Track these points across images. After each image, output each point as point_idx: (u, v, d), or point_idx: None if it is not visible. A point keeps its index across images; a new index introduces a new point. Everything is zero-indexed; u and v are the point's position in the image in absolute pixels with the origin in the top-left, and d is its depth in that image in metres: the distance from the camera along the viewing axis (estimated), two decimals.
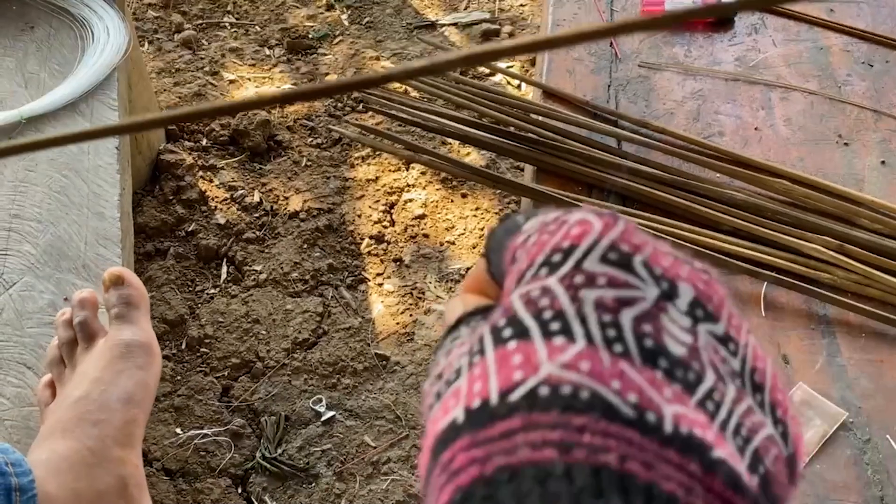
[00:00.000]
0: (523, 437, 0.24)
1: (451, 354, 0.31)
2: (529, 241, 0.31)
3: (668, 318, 0.27)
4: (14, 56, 1.20)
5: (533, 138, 0.95)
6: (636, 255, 0.28)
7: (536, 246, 0.30)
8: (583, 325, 0.26)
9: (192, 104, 1.94)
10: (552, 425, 0.24)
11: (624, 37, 1.06)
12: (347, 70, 2.03)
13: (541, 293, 0.28)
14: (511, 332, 0.27)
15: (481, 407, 0.26)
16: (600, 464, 0.24)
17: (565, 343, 0.26)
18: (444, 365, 0.30)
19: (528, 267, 0.29)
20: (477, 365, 0.27)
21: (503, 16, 2.12)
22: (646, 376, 0.25)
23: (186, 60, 2.06)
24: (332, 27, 2.14)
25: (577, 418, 0.24)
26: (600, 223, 0.29)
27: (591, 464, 0.24)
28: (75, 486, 0.73)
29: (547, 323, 0.27)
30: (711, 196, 0.91)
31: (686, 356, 0.26)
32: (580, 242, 0.28)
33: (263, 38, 2.13)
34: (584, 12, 1.08)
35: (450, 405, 0.27)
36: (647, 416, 0.25)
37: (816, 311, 0.85)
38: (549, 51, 1.05)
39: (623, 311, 0.27)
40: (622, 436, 0.24)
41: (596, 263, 0.28)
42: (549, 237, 0.30)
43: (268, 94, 0.28)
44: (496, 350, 0.27)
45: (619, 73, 1.02)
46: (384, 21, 2.14)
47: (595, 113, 0.98)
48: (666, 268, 0.28)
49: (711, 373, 0.27)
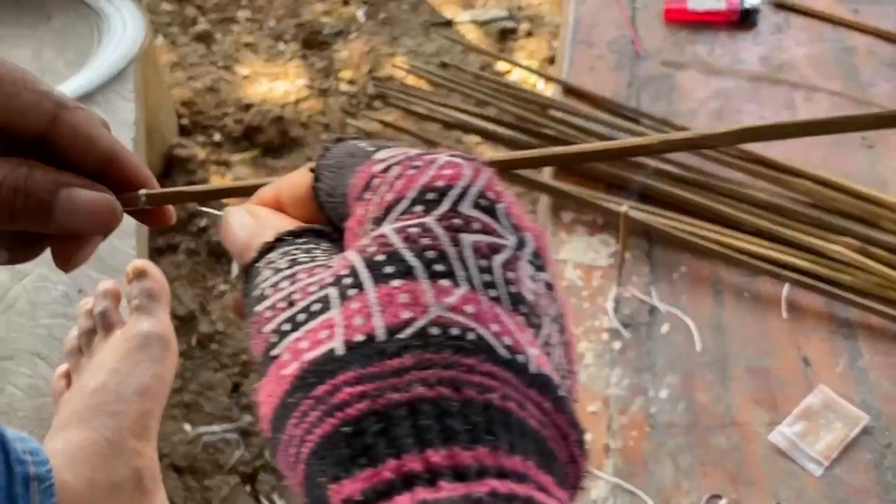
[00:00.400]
0: (417, 375, 0.25)
1: (300, 281, 0.30)
2: (392, 171, 0.31)
3: (521, 267, 0.29)
4: (30, 46, 1.20)
5: (552, 135, 0.95)
6: (500, 204, 0.30)
7: (405, 180, 0.30)
8: (464, 269, 0.28)
9: (206, 98, 1.94)
10: (445, 364, 0.26)
11: (646, 34, 1.05)
12: (362, 66, 2.03)
13: (421, 231, 0.28)
14: (394, 270, 0.28)
15: (366, 342, 0.26)
16: (488, 402, 0.25)
17: (451, 286, 0.27)
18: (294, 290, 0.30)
19: (396, 201, 0.30)
20: (353, 299, 0.28)
21: (521, 14, 2.11)
22: (515, 320, 0.27)
23: (200, 54, 2.05)
24: (348, 23, 2.13)
25: (467, 359, 0.26)
26: (470, 168, 0.30)
27: (481, 402, 0.25)
28: (91, 476, 0.73)
29: (431, 263, 0.28)
30: (733, 196, 0.90)
31: (534, 302, 0.29)
32: (455, 183, 0.29)
33: (278, 32, 2.12)
34: (606, 10, 1.08)
35: (320, 336, 0.27)
36: (518, 358, 0.27)
37: (838, 314, 0.84)
38: (570, 50, 1.04)
39: (494, 258, 0.28)
40: (501, 376, 0.26)
41: (470, 208, 0.29)
42: (419, 173, 0.30)
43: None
44: (378, 287, 0.27)
45: (641, 71, 1.01)
46: (400, 17, 2.14)
47: (616, 111, 0.97)
48: (518, 217, 0.30)
49: (547, 319, 0.29)
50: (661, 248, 0.87)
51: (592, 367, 0.80)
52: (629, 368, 0.80)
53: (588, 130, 0.95)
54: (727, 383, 0.80)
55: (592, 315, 0.83)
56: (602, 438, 0.76)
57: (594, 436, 0.76)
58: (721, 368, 0.80)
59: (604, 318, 0.83)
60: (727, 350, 0.82)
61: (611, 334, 0.82)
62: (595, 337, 0.82)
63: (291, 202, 0.36)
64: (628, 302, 0.84)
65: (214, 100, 1.96)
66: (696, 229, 0.87)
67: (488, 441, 0.25)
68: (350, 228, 0.31)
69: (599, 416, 0.77)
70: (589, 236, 0.88)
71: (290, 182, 0.36)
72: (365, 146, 0.33)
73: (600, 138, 0.94)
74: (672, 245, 0.87)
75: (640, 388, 0.79)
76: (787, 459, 0.75)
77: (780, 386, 0.79)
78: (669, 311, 0.83)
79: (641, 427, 0.77)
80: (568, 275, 0.86)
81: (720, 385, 0.79)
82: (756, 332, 0.83)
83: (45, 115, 0.38)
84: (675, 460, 0.75)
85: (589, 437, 0.76)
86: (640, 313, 0.83)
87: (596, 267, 0.86)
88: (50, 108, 0.38)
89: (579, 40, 1.04)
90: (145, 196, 0.40)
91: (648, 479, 0.74)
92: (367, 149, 0.33)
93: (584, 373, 0.80)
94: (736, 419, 0.77)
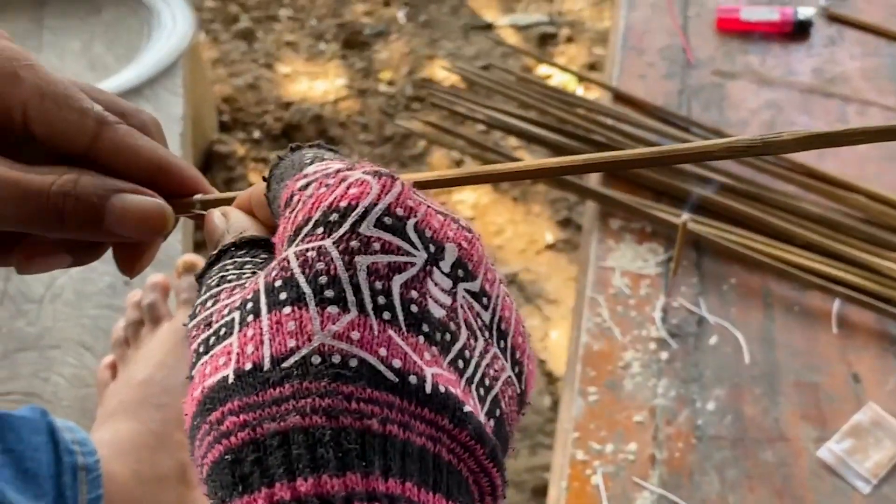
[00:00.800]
0: (293, 404, 0.26)
1: (220, 301, 0.31)
2: (307, 190, 0.31)
3: (432, 282, 0.29)
4: (81, 38, 1.21)
5: (600, 141, 0.94)
6: (410, 219, 0.30)
7: (314, 199, 0.30)
8: (356, 294, 0.28)
9: (247, 95, 1.95)
10: (321, 393, 0.26)
11: (698, 42, 1.04)
12: (402, 68, 2.03)
13: (317, 255, 0.29)
14: (286, 296, 0.28)
15: (253, 371, 0.27)
16: (364, 428, 0.26)
17: (338, 313, 0.28)
18: (213, 311, 0.31)
19: (304, 221, 0.30)
20: (250, 325, 0.28)
21: (561, 19, 2.10)
22: (410, 342, 0.28)
23: (242, 52, 2.07)
24: (388, 24, 2.14)
25: (346, 386, 0.26)
26: (378, 185, 0.30)
27: (357, 429, 0.26)
28: (137, 467, 0.73)
29: (322, 289, 0.28)
30: (785, 208, 0.89)
31: (445, 318, 0.29)
32: (357, 204, 0.29)
33: (319, 32, 2.13)
34: (658, 17, 1.07)
35: (219, 363, 0.28)
36: (409, 380, 0.27)
37: (889, 331, 0.83)
38: (620, 56, 1.03)
39: (394, 278, 0.29)
40: (385, 401, 0.26)
41: (371, 228, 0.29)
42: (328, 193, 0.30)
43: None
44: (271, 313, 0.28)
45: (691, 80, 1.00)
46: (440, 20, 2.14)
47: (666, 119, 0.97)
48: (436, 229, 0.30)
49: (465, 330, 0.30)
50: (711, 259, 0.86)
51: (639, 377, 0.79)
52: (676, 379, 0.79)
53: (637, 137, 0.94)
54: (775, 397, 0.79)
55: (640, 324, 0.83)
56: (648, 448, 0.75)
57: (640, 446, 0.76)
58: (769, 382, 0.80)
59: (651, 327, 0.82)
60: (776, 364, 0.81)
61: (658, 344, 0.81)
62: (642, 346, 0.81)
63: (257, 207, 0.37)
64: (676, 312, 0.83)
65: (255, 97, 1.97)
66: (747, 241, 0.87)
67: (360, 467, 0.25)
68: (276, 244, 0.32)
69: (646, 426, 0.77)
70: (637, 244, 0.87)
71: (257, 187, 0.37)
72: (305, 158, 0.34)
73: (650, 146, 0.93)
74: (722, 256, 0.86)
75: (687, 399, 0.78)
76: (834, 476, 0.74)
77: (829, 402, 0.78)
78: (718, 322, 0.82)
79: (688, 439, 0.76)
80: (615, 282, 0.85)
81: (768, 399, 0.79)
82: (805, 347, 0.82)
83: (87, 134, 0.38)
84: (721, 473, 0.74)
85: (634, 446, 0.75)
86: (688, 324, 0.83)
87: (644, 275, 0.86)
88: (91, 126, 0.38)
89: (630, 47, 1.03)
90: (200, 202, 0.40)
91: (694, 491, 0.73)
92: (304, 161, 0.34)
93: (630, 382, 0.79)
94: (784, 434, 0.77)
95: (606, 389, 0.79)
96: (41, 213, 0.37)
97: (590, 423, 0.77)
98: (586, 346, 0.81)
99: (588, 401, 0.78)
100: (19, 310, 0.94)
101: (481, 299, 0.31)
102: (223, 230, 0.36)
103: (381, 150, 1.88)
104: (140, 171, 0.39)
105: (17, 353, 0.91)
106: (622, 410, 0.78)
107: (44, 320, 0.93)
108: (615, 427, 0.77)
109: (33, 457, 0.67)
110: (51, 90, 0.38)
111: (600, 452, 0.75)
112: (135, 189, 0.38)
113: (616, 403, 0.78)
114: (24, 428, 0.68)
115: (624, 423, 0.77)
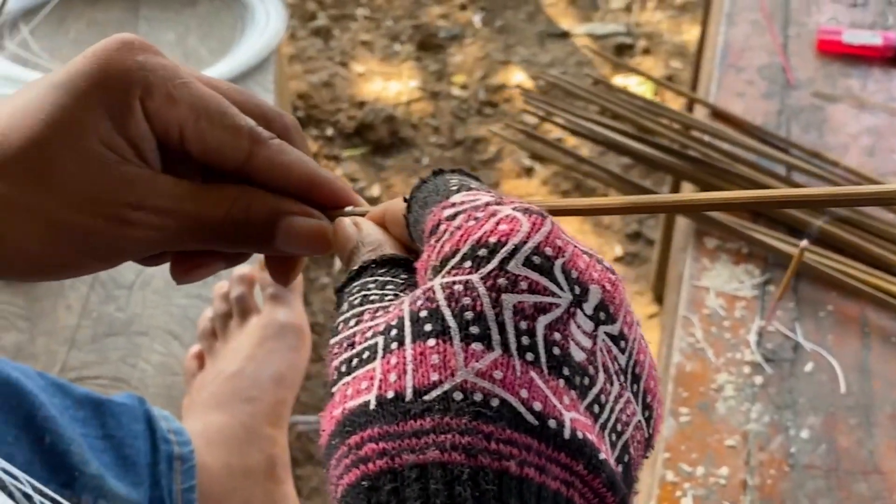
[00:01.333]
0: (433, 438, 0.26)
1: (363, 322, 0.31)
2: (455, 221, 0.31)
3: (575, 324, 0.29)
4: (176, 30, 1.22)
5: (694, 156, 0.93)
6: (557, 259, 0.30)
7: (462, 231, 0.30)
8: (500, 333, 0.28)
9: (321, 92, 1.96)
10: (462, 430, 0.26)
11: (798, 63, 1.03)
12: (475, 72, 2.03)
13: (464, 290, 0.29)
14: (431, 328, 0.28)
15: (395, 400, 0.28)
16: (502, 469, 0.26)
17: (482, 350, 0.28)
18: (356, 331, 0.31)
19: (451, 253, 0.30)
20: (394, 353, 0.29)
21: (639, 30, 2.09)
22: (550, 385, 0.28)
23: (318, 49, 2.08)
24: (464, 28, 2.14)
25: (486, 426, 0.26)
26: (528, 222, 0.30)
27: (495, 469, 0.26)
28: (228, 460, 0.74)
29: (467, 324, 0.28)
30: (885, 236, 0.87)
31: (584, 361, 0.29)
32: (507, 241, 0.29)
33: (394, 33, 2.14)
34: (757, 35, 1.05)
35: (361, 387, 0.29)
36: (548, 423, 0.27)
37: None
38: (719, 73, 1.02)
39: (539, 319, 0.29)
40: (524, 443, 0.27)
41: (520, 266, 0.29)
42: (476, 226, 0.30)
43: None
44: (415, 344, 0.28)
45: (791, 101, 0.99)
46: (516, 26, 2.13)
47: (764, 138, 0.95)
48: (581, 270, 0.30)
49: (602, 374, 0.30)
50: (808, 284, 0.85)
51: (732, 400, 0.78)
52: (770, 405, 0.78)
53: (735, 156, 0.93)
54: (871, 429, 0.77)
55: (734, 347, 0.81)
56: (739, 473, 0.74)
57: (731, 470, 0.74)
58: (865, 413, 0.78)
59: (745, 350, 0.81)
60: (872, 394, 0.79)
61: (752, 368, 0.80)
62: (736, 369, 0.80)
63: (392, 223, 0.38)
64: (771, 336, 0.82)
65: (329, 95, 1.98)
66: (846, 267, 0.85)
67: None
68: (419, 269, 0.32)
69: (738, 450, 0.75)
70: (733, 265, 0.86)
71: (393, 204, 0.38)
72: (450, 184, 0.34)
73: (748, 165, 0.92)
74: (819, 281, 0.85)
75: (781, 425, 0.77)
76: None
77: None
78: (814, 349, 0.81)
79: (780, 466, 0.75)
80: (709, 303, 0.84)
81: (863, 430, 0.77)
82: None
83: (241, 152, 0.39)
84: (813, 503, 0.73)
85: (726, 471, 0.74)
86: (783, 349, 0.81)
87: (739, 297, 0.84)
88: (245, 145, 0.39)
89: (728, 64, 1.02)
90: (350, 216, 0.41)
91: None
92: (450, 188, 0.34)
93: (723, 405, 0.78)
94: (879, 467, 0.75)
95: (698, 411, 0.78)
96: (216, 239, 0.39)
97: (681, 445, 0.76)
98: (678, 366, 0.80)
99: (679, 422, 0.77)
100: (110, 295, 0.96)
101: (619, 342, 0.31)
102: (356, 241, 0.37)
103: (451, 154, 1.88)
104: (292, 187, 0.40)
105: (107, 337, 0.93)
106: (714, 433, 0.76)
107: (133, 307, 0.95)
108: (706, 450, 0.76)
109: (132, 444, 0.68)
110: (205, 109, 0.38)
111: (691, 475, 0.74)
112: (303, 211, 0.39)
113: (708, 426, 0.77)
114: (123, 415, 0.69)
115: (715, 446, 0.76)
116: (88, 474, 0.62)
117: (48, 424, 0.62)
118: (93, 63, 0.37)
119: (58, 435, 0.62)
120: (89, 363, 0.91)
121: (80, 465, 0.62)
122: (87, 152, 0.36)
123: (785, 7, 1.09)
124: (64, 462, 0.61)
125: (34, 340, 0.92)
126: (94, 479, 0.62)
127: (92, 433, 0.66)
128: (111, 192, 0.37)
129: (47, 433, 0.61)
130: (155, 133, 0.38)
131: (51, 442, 0.61)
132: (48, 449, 0.61)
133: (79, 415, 0.66)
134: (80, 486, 0.62)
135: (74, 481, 0.62)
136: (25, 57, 1.16)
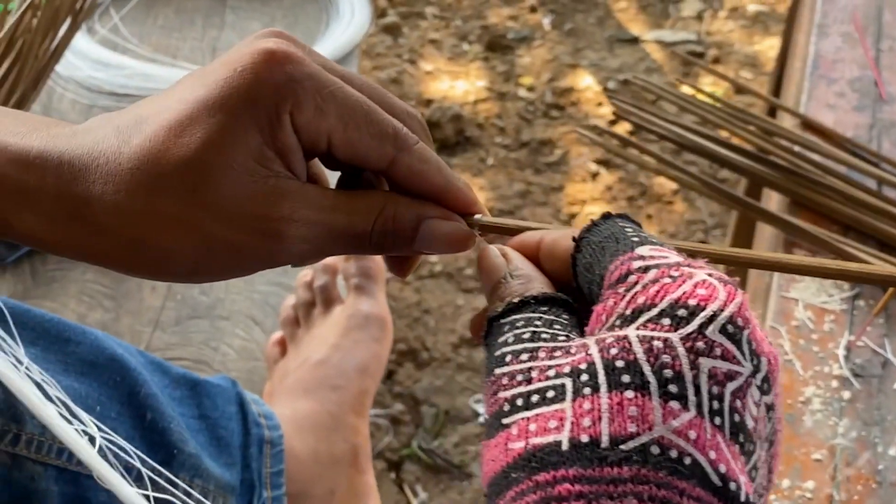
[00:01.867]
0: (631, 488, 0.28)
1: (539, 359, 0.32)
2: (648, 274, 0.32)
3: (750, 394, 0.31)
4: (262, 21, 1.24)
5: (784, 166, 0.92)
6: (745, 330, 0.31)
7: (659, 288, 0.32)
8: (696, 395, 0.30)
9: (389, 89, 1.97)
10: (659, 483, 0.28)
11: (891, 77, 1.01)
12: (543, 74, 2.03)
13: (664, 347, 0.30)
14: (629, 380, 0.30)
15: (589, 444, 0.29)
16: None
17: (679, 409, 0.29)
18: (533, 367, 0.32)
19: (646, 306, 0.31)
20: (587, 398, 0.30)
21: (709, 39, 2.07)
22: (731, 450, 0.30)
23: (387, 45, 2.09)
24: (533, 30, 2.14)
25: (680, 482, 0.28)
26: (725, 291, 0.32)
27: None
28: (315, 446, 0.75)
29: (666, 382, 0.30)
30: None
31: (752, 430, 0.31)
32: (706, 306, 0.31)
33: (463, 32, 2.14)
34: (849, 47, 1.04)
35: (549, 425, 0.30)
36: (730, 486, 0.29)
37: None
38: (809, 84, 1.01)
39: (727, 385, 0.30)
40: (709, 501, 0.28)
41: (716, 333, 0.31)
42: (674, 285, 0.32)
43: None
44: (611, 393, 0.30)
45: (883, 115, 0.97)
46: (586, 30, 2.13)
47: (855, 152, 0.94)
48: (758, 342, 0.32)
49: (759, 443, 0.31)
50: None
51: (819, 414, 0.77)
52: (858, 420, 0.77)
53: (825, 168, 0.92)
54: None
55: (822, 360, 0.80)
56: (826, 488, 0.73)
57: (817, 484, 0.74)
58: None
59: (833, 364, 0.80)
60: None
61: (840, 382, 0.79)
62: (824, 383, 0.79)
63: (548, 258, 0.38)
64: (861, 351, 0.81)
65: (397, 91, 1.99)
66: None
67: None
68: (598, 312, 0.33)
69: (825, 464, 0.75)
70: (822, 278, 0.85)
71: (553, 239, 0.38)
72: (630, 234, 0.35)
73: (838, 178, 0.91)
74: None
75: (869, 442, 0.76)
76: None
77: None
78: None
79: (867, 483, 0.74)
80: (797, 315, 0.83)
81: None
82: None
83: (385, 159, 0.40)
84: None
85: (812, 484, 0.73)
86: (872, 365, 0.80)
87: (828, 310, 0.83)
88: (389, 152, 0.40)
89: (819, 75, 1.01)
90: (479, 224, 0.42)
91: None
92: (632, 238, 0.35)
93: (810, 418, 0.77)
94: None
95: (786, 423, 0.77)
96: (362, 247, 0.40)
97: None
98: None
99: None
100: None
101: (770, 412, 0.33)
102: (504, 272, 0.38)
103: (516, 155, 1.88)
104: (429, 191, 0.41)
105: (190, 320, 0.94)
106: (801, 446, 0.76)
107: (217, 291, 0.96)
108: (793, 462, 0.75)
109: (226, 426, 0.69)
110: (352, 118, 0.39)
111: (776, 487, 0.73)
112: (443, 215, 0.41)
113: (795, 438, 0.76)
114: (218, 396, 0.70)
115: (802, 459, 0.75)
116: (186, 453, 0.63)
117: (150, 402, 0.62)
118: (242, 79, 0.37)
119: (159, 412, 0.63)
120: (172, 345, 0.92)
121: (178, 443, 0.63)
122: (241, 168, 0.37)
123: (878, 20, 1.08)
124: (163, 440, 0.62)
125: (119, 320, 0.94)
126: (191, 458, 0.63)
127: (188, 413, 0.67)
128: (265, 207, 0.37)
129: (149, 410, 0.62)
130: (302, 143, 0.39)
131: (151, 419, 0.62)
132: (149, 426, 0.62)
133: (176, 394, 0.67)
134: (177, 465, 0.63)
135: (172, 459, 0.62)
136: (115, 41, 1.19)
